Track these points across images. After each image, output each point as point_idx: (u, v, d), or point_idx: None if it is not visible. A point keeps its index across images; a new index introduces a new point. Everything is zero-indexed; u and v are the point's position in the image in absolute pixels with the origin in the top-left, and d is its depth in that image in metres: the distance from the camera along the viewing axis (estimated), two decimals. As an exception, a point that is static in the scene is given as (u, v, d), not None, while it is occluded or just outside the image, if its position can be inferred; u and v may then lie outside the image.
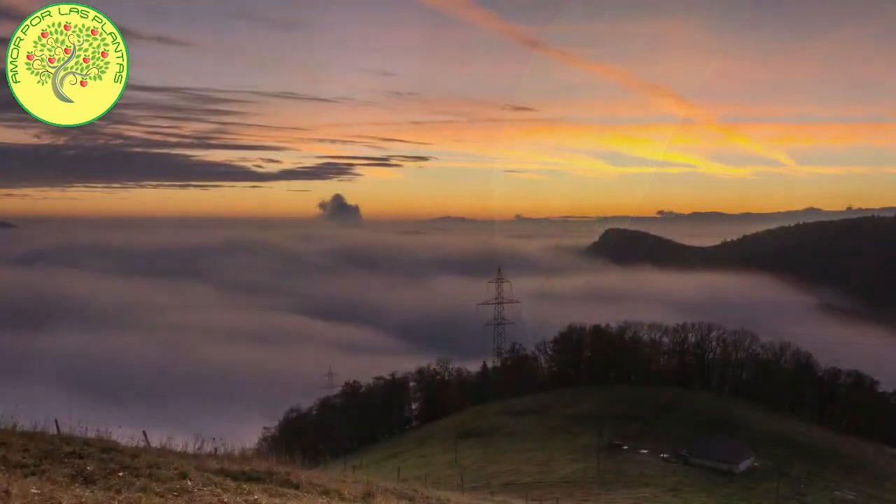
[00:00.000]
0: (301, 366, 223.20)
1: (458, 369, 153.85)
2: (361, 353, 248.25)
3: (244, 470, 18.69)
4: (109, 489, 12.92)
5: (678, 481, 75.02)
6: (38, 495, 10.92)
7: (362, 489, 22.14)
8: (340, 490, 20.18)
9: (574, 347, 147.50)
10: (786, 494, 71.43)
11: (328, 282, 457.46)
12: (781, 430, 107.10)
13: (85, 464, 14.81)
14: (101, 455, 16.01)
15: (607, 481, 74.89)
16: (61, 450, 15.66)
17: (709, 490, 72.35)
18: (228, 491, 14.88)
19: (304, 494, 17.82)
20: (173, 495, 13.21)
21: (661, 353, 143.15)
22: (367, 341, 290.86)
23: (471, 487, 61.60)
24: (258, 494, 15.27)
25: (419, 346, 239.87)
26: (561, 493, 66.56)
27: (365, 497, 20.59)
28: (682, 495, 69.12)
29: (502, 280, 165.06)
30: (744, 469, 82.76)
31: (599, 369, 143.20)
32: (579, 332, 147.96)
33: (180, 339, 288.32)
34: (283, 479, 18.98)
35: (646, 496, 67.65)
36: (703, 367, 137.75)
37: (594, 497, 66.95)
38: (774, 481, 70.91)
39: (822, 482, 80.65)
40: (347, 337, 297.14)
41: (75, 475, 13.78)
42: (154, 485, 13.81)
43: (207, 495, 13.81)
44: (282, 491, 17.20)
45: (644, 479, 76.14)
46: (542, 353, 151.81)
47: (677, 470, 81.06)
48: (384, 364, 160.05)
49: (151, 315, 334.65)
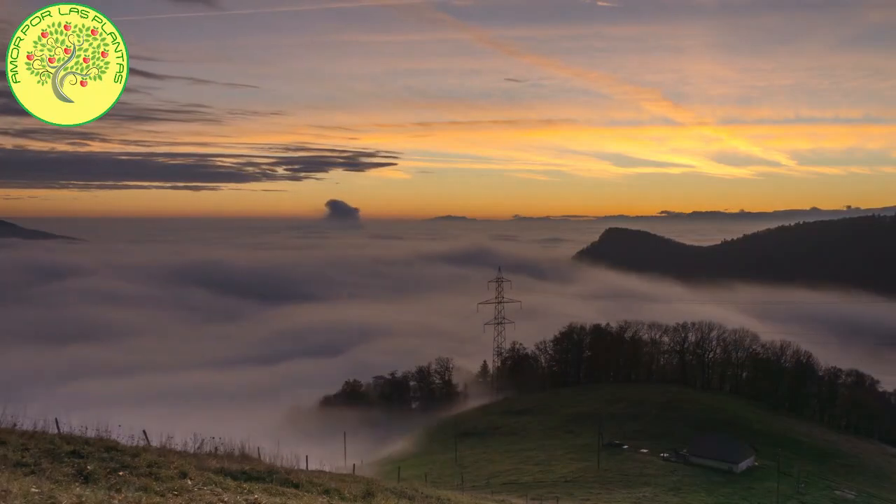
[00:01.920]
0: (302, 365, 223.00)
1: (459, 368, 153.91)
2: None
3: (244, 469, 18.70)
4: (110, 488, 12.91)
5: (678, 481, 75.00)
6: (38, 494, 10.91)
7: (362, 488, 22.16)
8: (341, 489, 20.20)
9: (574, 347, 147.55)
10: (786, 494, 71.43)
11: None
12: (781, 429, 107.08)
13: (85, 463, 14.82)
14: (101, 454, 16.02)
15: (607, 481, 74.89)
16: (62, 449, 15.66)
17: (709, 489, 72.32)
18: (228, 490, 14.86)
19: (304, 493, 17.83)
20: (173, 494, 13.19)
21: (661, 352, 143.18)
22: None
23: (471, 487, 61.64)
24: (258, 493, 15.25)
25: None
26: (561, 492, 66.58)
27: (365, 496, 20.60)
28: (683, 494, 69.11)
29: (502, 279, 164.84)
30: (744, 468, 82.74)
31: (599, 369, 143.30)
32: (579, 332, 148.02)
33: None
34: (283, 479, 19.00)
35: (646, 495, 67.63)
36: (704, 367, 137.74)
37: (594, 496, 66.92)
38: (774, 481, 70.90)
39: (822, 482, 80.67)
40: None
41: (76, 474, 13.78)
42: (154, 484, 13.81)
43: (207, 494, 13.79)
44: (282, 490, 17.21)
45: (644, 478, 76.11)
46: (542, 352, 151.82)
47: (677, 469, 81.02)
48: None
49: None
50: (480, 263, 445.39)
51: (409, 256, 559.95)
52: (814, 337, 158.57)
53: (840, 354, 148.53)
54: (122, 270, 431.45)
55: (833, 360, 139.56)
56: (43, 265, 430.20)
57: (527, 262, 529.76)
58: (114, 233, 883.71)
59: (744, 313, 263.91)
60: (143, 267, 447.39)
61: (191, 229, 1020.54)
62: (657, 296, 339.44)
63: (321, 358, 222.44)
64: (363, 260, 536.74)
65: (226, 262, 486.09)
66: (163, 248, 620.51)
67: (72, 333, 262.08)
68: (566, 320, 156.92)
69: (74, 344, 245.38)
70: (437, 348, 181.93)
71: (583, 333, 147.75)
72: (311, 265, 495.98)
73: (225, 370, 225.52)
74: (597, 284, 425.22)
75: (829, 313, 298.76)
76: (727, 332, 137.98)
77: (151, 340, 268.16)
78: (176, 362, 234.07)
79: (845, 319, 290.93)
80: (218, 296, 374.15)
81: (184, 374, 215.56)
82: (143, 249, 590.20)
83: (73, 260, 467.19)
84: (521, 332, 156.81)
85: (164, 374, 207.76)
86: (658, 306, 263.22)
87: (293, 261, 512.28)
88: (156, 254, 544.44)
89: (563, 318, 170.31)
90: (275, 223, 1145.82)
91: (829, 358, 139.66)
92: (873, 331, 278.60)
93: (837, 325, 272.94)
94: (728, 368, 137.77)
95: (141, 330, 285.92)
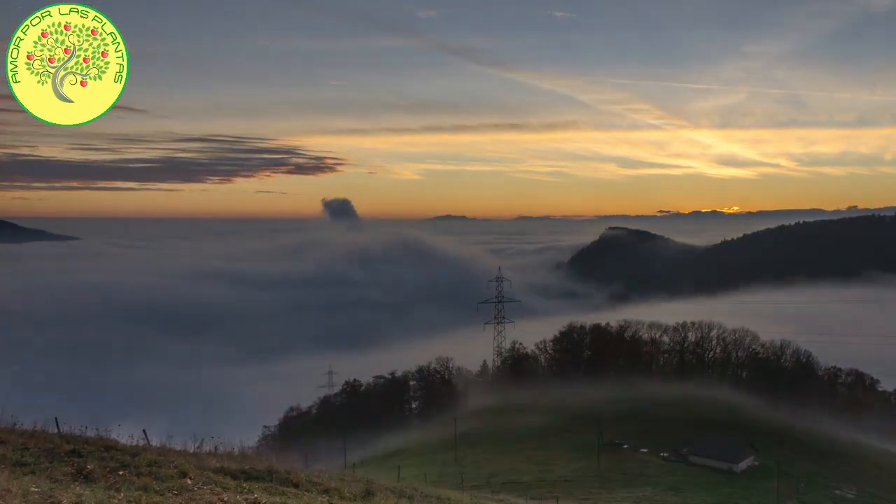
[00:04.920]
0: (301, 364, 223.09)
1: (459, 368, 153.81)
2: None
3: (244, 469, 18.70)
4: (109, 488, 12.92)
5: (678, 480, 75.03)
6: (38, 493, 10.92)
7: (362, 488, 22.17)
8: (340, 489, 20.20)
9: (574, 346, 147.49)
10: (786, 493, 71.40)
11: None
12: (781, 429, 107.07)
13: (85, 462, 14.83)
14: (101, 453, 16.04)
15: (607, 480, 74.93)
16: (61, 448, 15.68)
17: (709, 489, 72.36)
18: (228, 489, 14.87)
19: (303, 493, 17.82)
20: (173, 494, 13.20)
21: (661, 352, 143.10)
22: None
23: (471, 486, 61.60)
24: (258, 493, 15.25)
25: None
26: (561, 492, 66.57)
27: (365, 496, 20.61)
28: (683, 494, 69.13)
29: (502, 279, 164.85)
30: (744, 468, 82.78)
31: (599, 368, 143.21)
32: (579, 331, 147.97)
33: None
34: (282, 478, 18.99)
35: (646, 495, 67.67)
36: (704, 367, 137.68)
37: (594, 496, 66.95)
38: (774, 480, 70.88)
39: (822, 481, 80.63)
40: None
41: (75, 473, 13.79)
42: (154, 483, 13.82)
43: (207, 494, 13.79)
44: (282, 490, 17.20)
45: (644, 477, 76.16)
46: (542, 352, 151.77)
47: (677, 469, 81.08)
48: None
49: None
50: (480, 262, 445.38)
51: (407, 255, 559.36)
52: (814, 336, 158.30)
53: (840, 354, 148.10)
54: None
55: (833, 359, 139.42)
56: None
57: (527, 261, 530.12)
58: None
59: (743, 313, 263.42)
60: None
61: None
62: (657, 295, 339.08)
63: (322, 357, 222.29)
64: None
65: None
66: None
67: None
68: (566, 320, 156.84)
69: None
70: (437, 348, 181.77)
71: (583, 333, 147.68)
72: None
73: (225, 368, 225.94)
74: (597, 284, 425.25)
75: (830, 313, 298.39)
76: (727, 331, 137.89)
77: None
78: (175, 362, 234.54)
79: (845, 319, 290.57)
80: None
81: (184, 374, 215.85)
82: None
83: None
84: (521, 332, 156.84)
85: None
86: (658, 306, 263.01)
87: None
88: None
89: (563, 317, 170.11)
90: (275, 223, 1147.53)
91: (829, 357, 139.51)
92: (873, 330, 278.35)
93: (837, 325, 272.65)
94: (728, 368, 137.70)
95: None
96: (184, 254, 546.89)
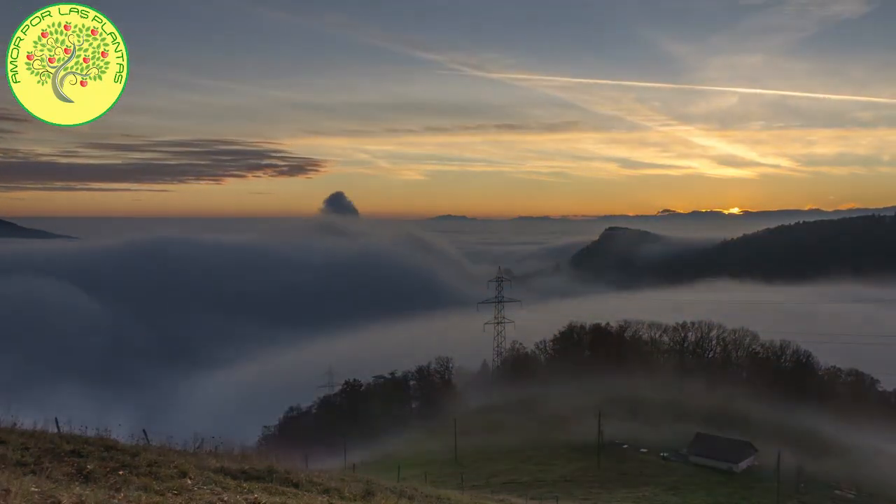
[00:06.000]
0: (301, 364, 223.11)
1: (459, 368, 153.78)
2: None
3: (244, 468, 18.69)
4: (109, 487, 12.92)
5: (678, 480, 75.05)
6: (38, 493, 10.92)
7: (362, 488, 22.17)
8: (340, 489, 20.20)
9: (574, 346, 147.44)
10: (786, 493, 71.41)
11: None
12: (781, 429, 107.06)
13: (85, 462, 14.83)
14: (101, 453, 16.03)
15: (607, 480, 74.93)
16: (62, 448, 15.68)
17: (709, 489, 72.39)
18: (228, 489, 14.86)
19: (303, 493, 17.81)
20: (173, 494, 13.20)
21: (661, 351, 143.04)
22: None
23: (471, 486, 61.63)
24: (258, 493, 15.24)
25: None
26: (561, 492, 66.56)
27: (365, 496, 20.60)
28: (683, 494, 69.14)
29: (502, 279, 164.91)
30: (744, 468, 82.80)
31: (599, 368, 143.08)
32: (579, 331, 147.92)
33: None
34: (282, 478, 18.99)
35: (646, 495, 67.67)
36: (704, 366, 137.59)
37: (594, 496, 66.94)
38: (774, 480, 70.91)
39: (822, 482, 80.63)
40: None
41: (75, 473, 13.79)
42: (154, 483, 13.81)
43: (207, 494, 13.79)
44: (282, 489, 17.19)
45: (644, 477, 76.19)
46: (541, 352, 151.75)
47: (677, 469, 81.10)
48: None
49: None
50: (479, 262, 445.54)
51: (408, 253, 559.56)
52: (813, 336, 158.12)
53: (840, 354, 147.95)
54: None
55: (833, 359, 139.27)
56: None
57: (527, 261, 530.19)
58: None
59: (743, 313, 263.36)
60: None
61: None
62: (656, 295, 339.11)
63: (320, 357, 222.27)
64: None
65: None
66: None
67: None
68: (566, 320, 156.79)
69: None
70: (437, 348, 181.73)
71: (582, 333, 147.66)
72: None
73: (224, 368, 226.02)
74: (597, 284, 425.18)
75: (830, 313, 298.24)
76: (727, 331, 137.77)
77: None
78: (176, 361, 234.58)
79: (845, 319, 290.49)
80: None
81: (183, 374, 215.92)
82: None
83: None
84: (521, 332, 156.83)
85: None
86: (658, 306, 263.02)
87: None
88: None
89: (562, 317, 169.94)
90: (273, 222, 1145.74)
91: (829, 357, 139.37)
92: (873, 330, 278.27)
93: (837, 325, 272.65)
94: (728, 368, 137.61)
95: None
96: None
